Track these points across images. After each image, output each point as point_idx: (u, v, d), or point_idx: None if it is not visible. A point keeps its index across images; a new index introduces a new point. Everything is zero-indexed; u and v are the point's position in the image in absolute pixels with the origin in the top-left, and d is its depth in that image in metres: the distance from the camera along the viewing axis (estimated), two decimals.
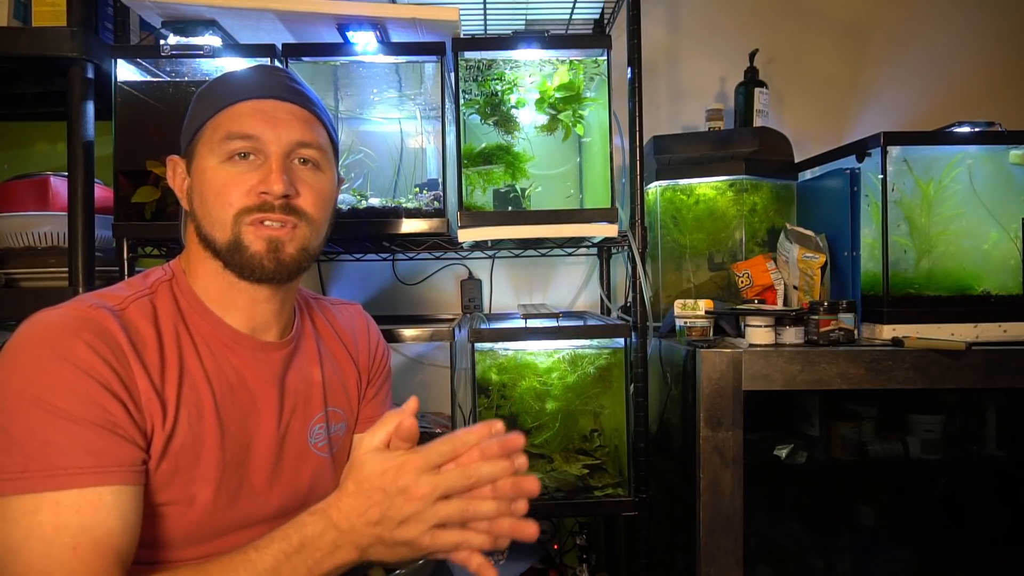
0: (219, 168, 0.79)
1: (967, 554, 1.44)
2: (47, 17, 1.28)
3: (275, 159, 0.79)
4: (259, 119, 0.79)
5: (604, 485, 1.35)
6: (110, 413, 0.68)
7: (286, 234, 0.80)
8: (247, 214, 0.78)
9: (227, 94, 0.81)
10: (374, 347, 1.03)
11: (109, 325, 0.71)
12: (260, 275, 0.80)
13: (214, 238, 0.79)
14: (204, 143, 0.81)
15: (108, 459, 0.67)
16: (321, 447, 0.90)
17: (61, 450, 0.65)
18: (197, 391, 0.77)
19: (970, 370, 1.21)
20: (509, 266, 1.84)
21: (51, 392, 0.66)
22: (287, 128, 0.81)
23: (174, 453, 0.74)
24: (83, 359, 0.67)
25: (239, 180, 0.78)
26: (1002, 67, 1.92)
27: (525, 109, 1.42)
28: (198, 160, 0.81)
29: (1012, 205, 1.36)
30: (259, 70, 0.85)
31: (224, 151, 0.79)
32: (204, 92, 0.84)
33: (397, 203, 1.37)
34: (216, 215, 0.79)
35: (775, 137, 1.58)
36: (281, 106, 0.82)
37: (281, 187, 0.78)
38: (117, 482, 0.67)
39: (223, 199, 0.78)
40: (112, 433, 0.67)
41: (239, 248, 0.79)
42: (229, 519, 0.79)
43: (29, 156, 1.76)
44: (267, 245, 0.79)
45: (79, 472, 0.65)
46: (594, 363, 1.38)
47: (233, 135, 0.79)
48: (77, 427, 0.66)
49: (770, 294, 1.42)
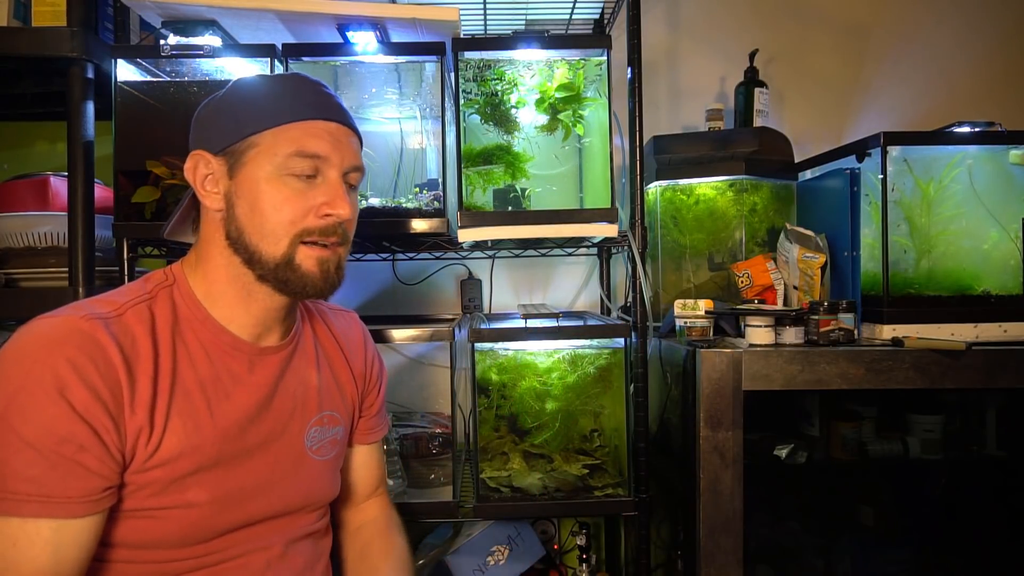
0: (280, 182, 0.78)
1: (967, 554, 1.44)
2: (47, 17, 1.28)
3: (338, 183, 0.81)
4: (328, 141, 0.80)
5: (604, 485, 1.35)
6: (76, 439, 0.68)
7: (333, 256, 0.82)
8: (308, 234, 0.79)
9: (295, 107, 0.80)
10: (370, 358, 1.04)
11: (100, 338, 0.71)
12: (310, 293, 0.81)
13: (260, 250, 0.79)
14: (262, 152, 0.78)
15: (56, 491, 0.67)
16: (317, 450, 0.90)
17: (16, 475, 0.66)
18: (191, 399, 0.77)
19: (970, 370, 1.21)
20: (509, 266, 1.84)
21: (19, 416, 0.66)
22: (348, 153, 0.82)
23: (167, 461, 0.74)
24: (62, 379, 0.67)
25: (302, 198, 0.79)
26: (1003, 67, 1.92)
27: (525, 109, 1.41)
28: (251, 168, 0.79)
29: (1012, 205, 1.36)
30: (318, 87, 0.84)
31: (291, 166, 0.78)
32: (253, 94, 0.81)
33: (397, 203, 1.37)
34: (271, 228, 0.78)
35: (775, 137, 1.58)
36: (344, 130, 0.83)
37: (348, 212, 0.81)
38: (59, 515, 0.67)
39: (281, 215, 0.78)
40: (71, 462, 0.67)
41: (290, 267, 0.79)
42: (227, 521, 0.79)
43: (29, 156, 1.76)
44: (320, 267, 0.81)
45: (25, 500, 0.66)
46: (594, 363, 1.38)
47: (305, 153, 0.78)
48: (35, 454, 0.66)
49: (770, 294, 1.42)
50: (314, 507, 0.91)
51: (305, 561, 0.88)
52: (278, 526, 0.85)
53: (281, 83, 0.83)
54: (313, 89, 0.83)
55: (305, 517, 0.89)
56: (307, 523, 0.90)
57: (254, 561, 0.82)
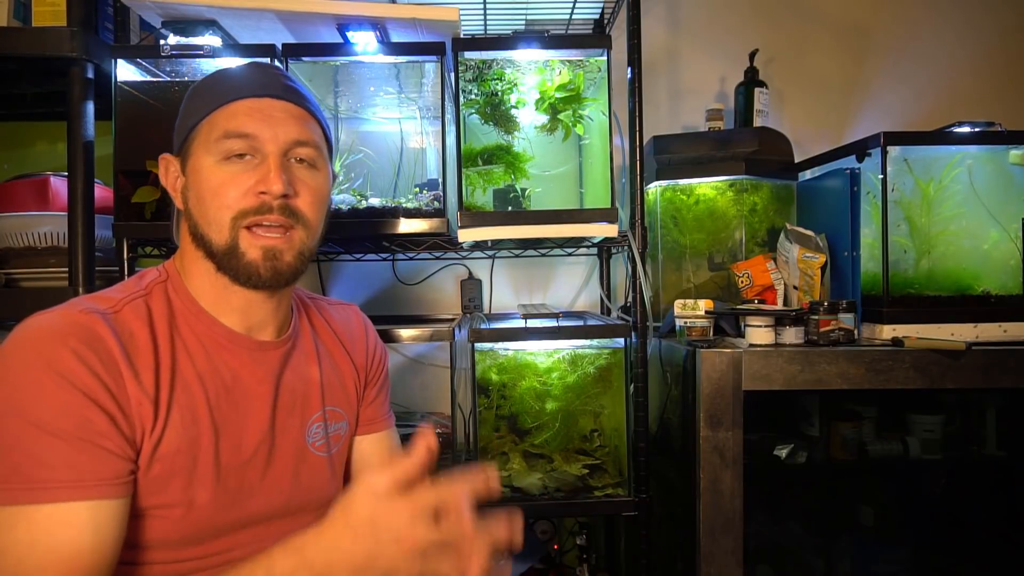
0: (215, 168, 0.78)
1: (967, 554, 1.44)
2: (47, 17, 1.28)
3: (273, 158, 0.79)
4: (255, 118, 0.79)
5: (604, 485, 1.35)
6: (93, 424, 0.67)
7: (283, 243, 0.79)
8: (244, 217, 0.78)
9: (222, 92, 0.81)
10: (372, 348, 1.02)
11: (99, 330, 0.71)
12: (256, 283, 0.79)
13: (210, 239, 0.79)
14: (200, 142, 0.80)
15: (87, 473, 0.66)
16: (319, 446, 0.89)
17: (41, 463, 0.65)
18: (191, 393, 0.77)
19: (970, 370, 1.21)
20: (509, 266, 1.84)
21: (34, 404, 0.66)
22: (284, 127, 0.80)
23: (167, 456, 0.73)
24: (68, 368, 0.67)
25: (236, 180, 0.78)
26: (1003, 66, 1.92)
27: (525, 109, 1.41)
28: (193, 159, 0.80)
29: (1012, 205, 1.36)
30: (253, 68, 0.84)
31: (220, 150, 0.78)
32: (198, 89, 0.83)
33: (397, 203, 1.37)
34: (213, 216, 0.78)
35: (775, 137, 1.58)
36: (277, 104, 0.81)
37: (280, 187, 0.77)
38: (95, 496, 0.66)
39: (220, 200, 0.78)
40: (94, 446, 0.67)
41: (234, 254, 0.78)
42: (228, 520, 0.79)
43: (29, 156, 1.76)
44: (263, 254, 0.78)
45: (57, 486, 0.65)
46: (594, 363, 1.38)
47: (230, 134, 0.78)
48: (57, 440, 0.66)
49: (770, 294, 1.42)
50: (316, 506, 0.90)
51: None
52: (279, 526, 0.84)
53: (222, 72, 0.83)
54: (251, 70, 0.83)
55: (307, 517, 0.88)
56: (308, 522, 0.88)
57: None
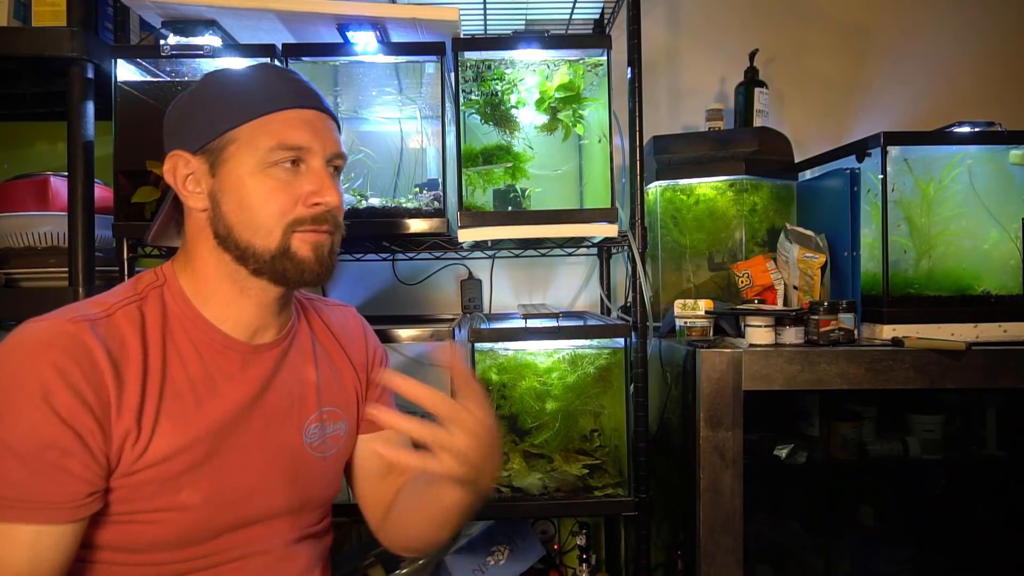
0: (264, 174, 0.78)
1: (967, 554, 1.44)
2: (47, 17, 1.28)
3: (323, 170, 0.81)
4: (307, 130, 0.80)
5: (604, 485, 1.35)
6: (59, 444, 0.68)
7: (327, 239, 0.82)
8: (300, 224, 0.79)
9: (265, 99, 0.79)
10: (371, 349, 1.02)
11: (86, 339, 0.71)
12: (306, 279, 0.81)
13: (252, 244, 0.78)
14: (244, 147, 0.78)
15: (38, 495, 0.67)
16: (317, 447, 0.89)
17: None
18: (181, 400, 0.77)
19: (970, 370, 1.21)
20: (509, 266, 1.84)
21: (2, 422, 0.67)
22: (329, 139, 0.82)
23: (156, 462, 0.74)
24: (45, 386, 0.68)
25: (288, 188, 0.79)
26: (1003, 66, 1.92)
27: (525, 109, 1.41)
28: (233, 163, 0.78)
29: (1012, 205, 1.36)
30: (283, 74, 0.84)
31: (273, 159, 0.78)
32: (227, 90, 0.81)
33: (397, 203, 1.37)
34: (261, 222, 0.78)
35: (775, 137, 1.58)
36: (321, 116, 0.83)
37: (337, 199, 0.81)
38: (39, 521, 0.67)
39: (271, 206, 0.78)
40: (54, 467, 0.68)
41: (287, 255, 0.79)
42: (225, 521, 0.79)
43: (29, 156, 1.76)
44: (315, 251, 0.81)
45: (6, 506, 0.67)
46: (594, 363, 1.38)
47: (285, 145, 0.78)
48: (15, 460, 0.67)
49: (770, 294, 1.42)
50: (314, 506, 0.90)
51: (306, 563, 0.88)
52: (277, 527, 0.84)
53: (252, 75, 0.82)
54: (285, 77, 0.83)
55: (306, 517, 0.89)
56: (307, 524, 0.89)
57: (252, 563, 0.81)
